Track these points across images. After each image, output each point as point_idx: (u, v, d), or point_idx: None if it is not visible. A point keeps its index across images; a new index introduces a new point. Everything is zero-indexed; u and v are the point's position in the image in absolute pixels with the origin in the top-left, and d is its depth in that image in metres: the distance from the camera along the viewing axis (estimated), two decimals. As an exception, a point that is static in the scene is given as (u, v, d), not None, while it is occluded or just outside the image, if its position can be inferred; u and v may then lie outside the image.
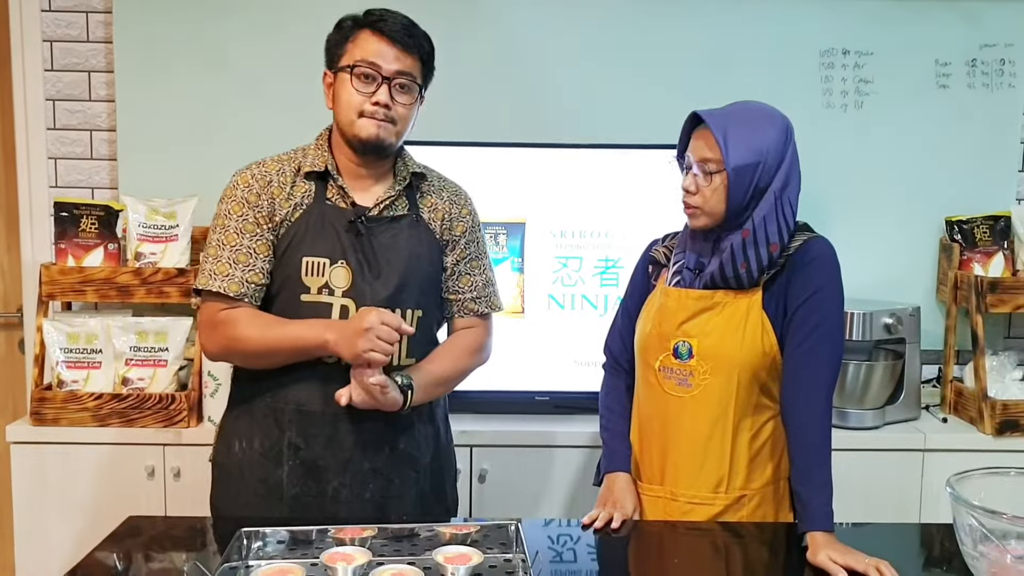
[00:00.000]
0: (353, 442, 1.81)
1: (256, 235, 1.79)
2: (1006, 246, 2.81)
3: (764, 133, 1.74)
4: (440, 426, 1.96)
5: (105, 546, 1.63)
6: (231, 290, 1.77)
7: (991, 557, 1.43)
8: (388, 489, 1.84)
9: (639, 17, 2.83)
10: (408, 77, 1.78)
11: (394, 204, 1.85)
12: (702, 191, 1.75)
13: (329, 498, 1.81)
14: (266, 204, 1.80)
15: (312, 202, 1.81)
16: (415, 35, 1.79)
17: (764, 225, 1.74)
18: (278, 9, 2.80)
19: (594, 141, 2.72)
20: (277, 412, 1.81)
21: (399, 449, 1.85)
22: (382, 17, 1.77)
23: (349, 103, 1.77)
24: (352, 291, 1.78)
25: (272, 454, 1.82)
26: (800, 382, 1.75)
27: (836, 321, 1.78)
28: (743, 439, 1.81)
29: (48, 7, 2.84)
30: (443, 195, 1.92)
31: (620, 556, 1.74)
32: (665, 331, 1.83)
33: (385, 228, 1.82)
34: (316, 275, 1.78)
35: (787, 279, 1.77)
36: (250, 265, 1.79)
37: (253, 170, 1.84)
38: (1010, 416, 2.58)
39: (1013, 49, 2.86)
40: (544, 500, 2.56)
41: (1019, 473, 1.57)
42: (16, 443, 2.51)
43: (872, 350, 2.67)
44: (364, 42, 1.76)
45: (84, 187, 2.90)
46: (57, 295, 2.63)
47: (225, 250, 1.79)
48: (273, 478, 1.81)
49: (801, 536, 1.67)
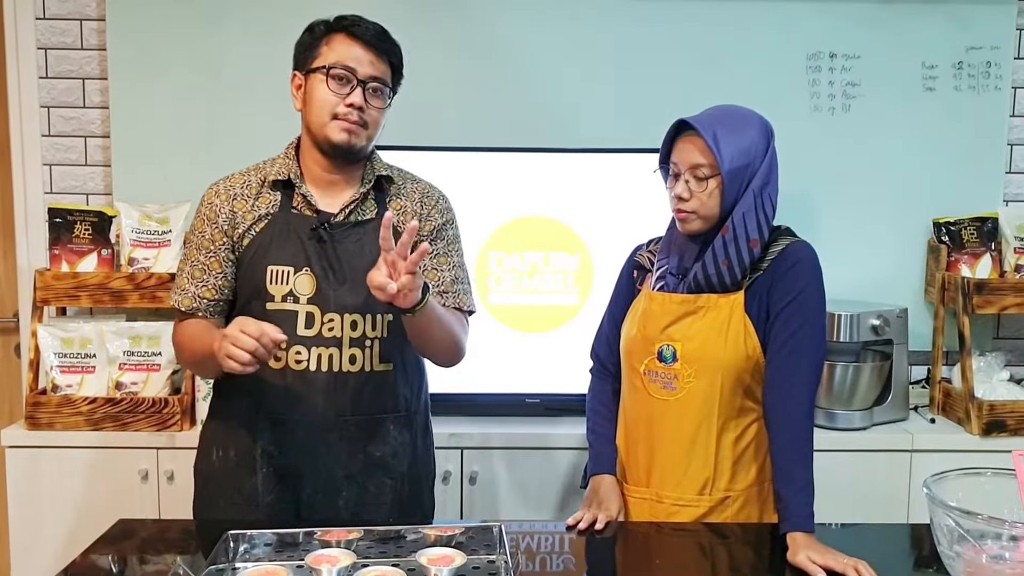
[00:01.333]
0: (326, 450, 1.82)
1: (210, 251, 1.83)
2: (993, 247, 2.83)
3: (749, 135, 1.77)
4: (418, 433, 1.95)
5: (95, 548, 1.65)
6: (183, 304, 1.84)
7: (967, 557, 1.45)
8: (363, 496, 1.86)
9: (625, 21, 2.85)
10: (381, 82, 1.79)
11: (360, 208, 1.85)
12: (696, 196, 1.77)
13: (304, 504, 1.83)
14: (224, 219, 1.83)
15: (277, 211, 1.83)
16: (388, 41, 1.81)
17: (744, 222, 1.77)
18: (271, 15, 2.82)
19: (582, 145, 2.74)
20: (250, 420, 1.83)
21: (374, 456, 1.86)
22: (356, 22, 1.79)
23: (323, 104, 1.77)
24: (317, 297, 1.80)
25: (246, 462, 1.84)
26: (782, 384, 1.77)
27: (818, 324, 1.80)
28: (727, 441, 1.83)
29: (43, 15, 2.86)
30: (413, 197, 1.91)
31: (604, 557, 1.76)
32: (649, 335, 1.85)
33: (350, 233, 1.82)
34: (280, 283, 1.80)
35: (769, 282, 1.80)
36: (203, 281, 1.84)
37: (219, 185, 1.88)
38: (997, 417, 2.60)
39: (999, 52, 2.87)
40: (534, 502, 2.58)
41: (996, 474, 1.59)
42: (11, 447, 2.54)
43: (860, 351, 2.68)
44: (339, 45, 1.78)
45: (79, 193, 2.92)
46: (52, 300, 2.66)
47: (187, 265, 1.86)
48: (248, 486, 1.83)
49: (784, 536, 1.69)
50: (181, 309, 1.84)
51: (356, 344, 1.81)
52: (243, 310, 1.83)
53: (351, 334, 1.81)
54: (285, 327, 1.73)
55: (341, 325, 1.80)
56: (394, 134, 2.31)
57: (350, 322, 1.80)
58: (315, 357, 1.79)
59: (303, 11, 1.89)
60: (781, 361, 1.77)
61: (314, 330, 1.80)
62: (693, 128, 1.77)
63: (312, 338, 1.80)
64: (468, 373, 2.16)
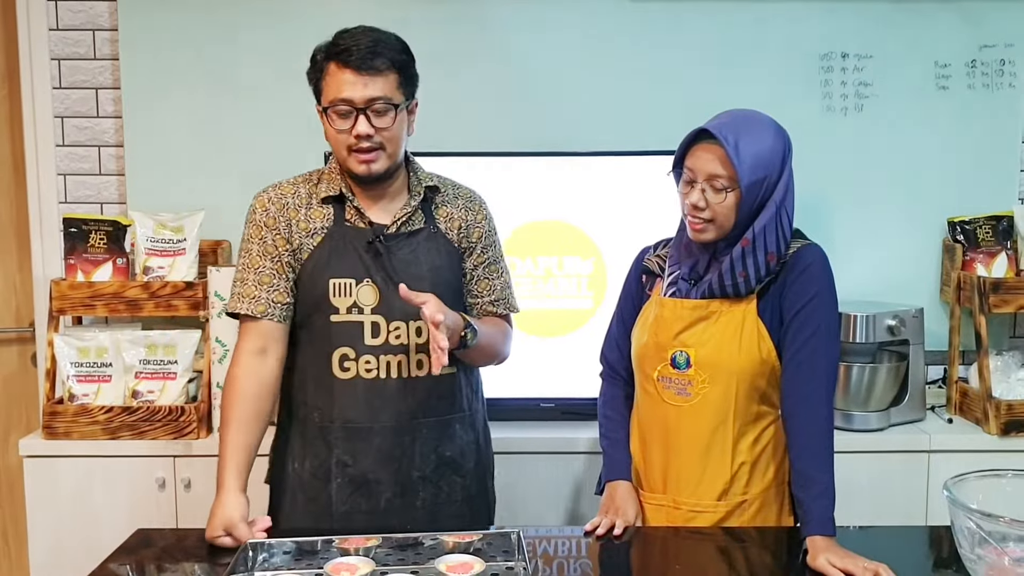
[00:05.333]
0: (401, 452, 1.86)
1: (275, 257, 1.87)
2: (1009, 246, 2.81)
3: (770, 147, 1.75)
4: (480, 432, 2.01)
5: (114, 558, 1.66)
6: (257, 311, 1.85)
7: (989, 560, 1.44)
8: (438, 496, 1.90)
9: (636, 23, 2.85)
10: (382, 101, 1.76)
11: (411, 219, 1.89)
12: (712, 207, 1.75)
13: (381, 511, 1.86)
14: (283, 227, 1.86)
15: (332, 225, 1.86)
16: (380, 53, 1.76)
17: (764, 234, 1.76)
18: (283, 25, 2.83)
19: (593, 149, 2.73)
20: (324, 430, 1.86)
21: (445, 456, 1.91)
22: (346, 48, 1.76)
23: (336, 143, 1.82)
24: (381, 307, 1.84)
25: (321, 472, 1.87)
26: (800, 389, 1.77)
27: (832, 327, 1.79)
28: (744, 446, 1.82)
29: (56, 26, 2.88)
30: (457, 203, 1.95)
31: (622, 562, 1.75)
32: (662, 341, 1.84)
33: (404, 244, 1.87)
34: (344, 296, 1.84)
35: (781, 286, 1.79)
36: (273, 286, 1.86)
37: (270, 193, 1.90)
38: (1015, 416, 2.58)
39: (1013, 49, 2.85)
40: (551, 507, 2.58)
41: (1016, 475, 1.58)
42: (29, 456, 2.55)
43: (876, 352, 2.67)
44: (332, 77, 1.78)
45: (93, 202, 2.93)
46: (67, 310, 2.67)
47: (250, 273, 1.87)
48: (323, 497, 1.86)
49: (803, 541, 1.68)
50: (255, 316, 1.85)
51: (422, 350, 1.85)
52: (304, 323, 1.88)
53: (417, 340, 1.86)
54: (351, 338, 1.83)
55: (407, 332, 1.85)
56: (409, 140, 2.32)
57: (415, 328, 1.85)
58: (384, 365, 1.84)
59: (315, 23, 1.91)
60: (797, 367, 1.77)
61: (381, 339, 1.84)
62: (712, 135, 1.74)
63: (380, 347, 1.84)
64: (483, 378, 2.16)
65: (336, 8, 2.78)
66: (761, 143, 1.74)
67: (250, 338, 1.86)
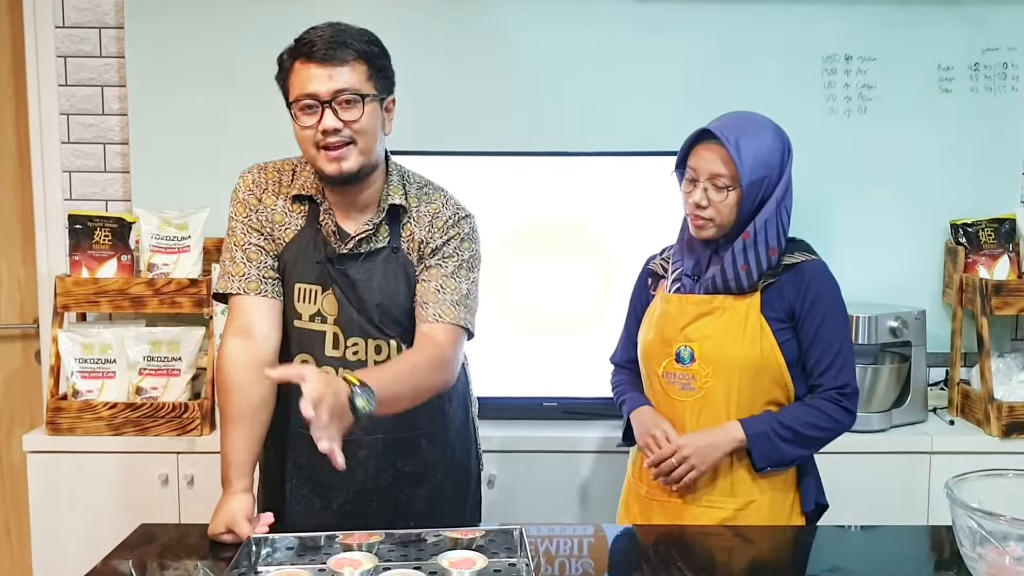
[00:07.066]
0: (355, 464, 1.77)
1: (262, 234, 1.81)
2: (1011, 248, 2.82)
3: (770, 148, 1.80)
4: (455, 444, 1.93)
5: (117, 553, 1.66)
6: (250, 288, 1.78)
7: (990, 559, 1.44)
8: (395, 505, 1.85)
9: (641, 24, 2.85)
10: (349, 92, 1.68)
11: (374, 236, 1.79)
12: (714, 205, 1.80)
13: (334, 512, 1.84)
14: (266, 208, 1.82)
15: (305, 224, 1.81)
16: (344, 43, 1.68)
17: (765, 229, 1.81)
18: (289, 22, 2.80)
19: (597, 149, 2.74)
20: (281, 433, 1.84)
21: (404, 471, 1.85)
22: (309, 41, 1.69)
23: (303, 141, 1.73)
24: (341, 319, 1.79)
25: (279, 467, 1.86)
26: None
27: (847, 341, 1.87)
28: (749, 443, 1.84)
29: (62, 23, 2.89)
30: (421, 222, 1.81)
31: (625, 559, 1.76)
32: (667, 336, 1.87)
33: (360, 265, 1.78)
34: (309, 302, 1.79)
35: (788, 294, 1.84)
36: (263, 262, 1.80)
37: (255, 174, 1.85)
38: (1017, 418, 2.58)
39: (1015, 52, 2.86)
40: (553, 505, 2.58)
41: (1017, 475, 1.58)
42: (33, 452, 2.56)
43: (878, 353, 2.68)
44: (296, 74, 1.70)
45: (98, 199, 2.94)
46: (72, 306, 2.68)
47: (238, 250, 1.81)
48: (278, 496, 1.86)
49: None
50: (248, 294, 1.77)
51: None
52: None
53: (376, 358, 1.80)
54: (312, 346, 1.78)
55: (365, 349, 1.80)
56: (410, 139, 2.33)
57: (374, 347, 1.80)
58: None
59: (321, 18, 1.91)
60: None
61: (339, 352, 1.79)
62: (714, 136, 1.78)
63: (338, 359, 1.79)
64: (485, 377, 2.16)
65: (342, 8, 2.78)
66: (761, 143, 1.79)
67: (241, 318, 1.77)
